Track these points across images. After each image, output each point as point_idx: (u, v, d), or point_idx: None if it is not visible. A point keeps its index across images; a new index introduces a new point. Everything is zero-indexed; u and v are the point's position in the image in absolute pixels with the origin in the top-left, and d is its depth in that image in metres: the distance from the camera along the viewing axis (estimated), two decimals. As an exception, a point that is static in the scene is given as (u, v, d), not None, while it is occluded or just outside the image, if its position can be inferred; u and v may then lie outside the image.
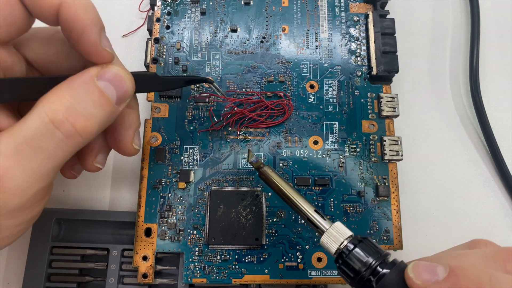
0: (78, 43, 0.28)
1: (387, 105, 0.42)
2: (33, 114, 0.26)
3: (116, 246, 0.41)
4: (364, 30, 0.46)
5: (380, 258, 0.28)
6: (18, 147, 0.25)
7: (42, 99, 0.26)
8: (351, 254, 0.28)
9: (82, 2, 0.27)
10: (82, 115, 0.27)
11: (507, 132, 0.49)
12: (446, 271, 0.24)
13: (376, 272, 0.27)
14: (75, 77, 0.28)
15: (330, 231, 0.30)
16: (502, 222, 0.46)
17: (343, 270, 0.29)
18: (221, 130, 0.42)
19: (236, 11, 0.46)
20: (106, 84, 0.28)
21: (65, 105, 0.26)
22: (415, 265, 0.25)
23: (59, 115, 0.26)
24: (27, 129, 0.25)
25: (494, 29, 0.53)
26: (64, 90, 0.27)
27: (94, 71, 0.28)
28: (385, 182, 0.41)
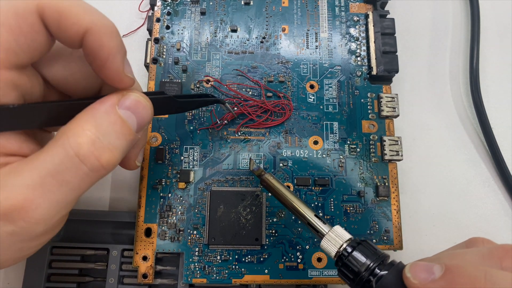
0: (101, 70, 0.28)
1: (387, 105, 0.42)
2: (58, 146, 0.26)
3: (116, 246, 0.41)
4: (364, 30, 0.46)
5: (379, 260, 0.28)
6: (43, 179, 0.25)
7: (66, 130, 0.26)
8: (350, 257, 0.29)
9: (108, 29, 0.27)
10: (106, 148, 0.27)
11: (507, 132, 0.49)
12: (442, 270, 0.25)
13: (375, 273, 0.27)
14: (97, 106, 0.28)
15: (330, 235, 0.31)
16: (502, 222, 0.46)
17: (343, 272, 0.29)
18: (221, 130, 0.42)
19: (236, 11, 0.46)
20: (127, 112, 0.28)
21: (90, 138, 0.26)
22: (412, 265, 0.26)
23: (84, 149, 0.26)
24: (52, 161, 0.25)
25: (494, 29, 0.53)
26: (88, 121, 0.27)
27: (115, 99, 0.28)
28: (385, 182, 0.41)
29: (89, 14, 0.26)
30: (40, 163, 0.25)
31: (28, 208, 0.25)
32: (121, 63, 0.28)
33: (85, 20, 0.26)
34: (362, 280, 0.28)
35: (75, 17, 0.26)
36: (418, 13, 0.53)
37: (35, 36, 0.26)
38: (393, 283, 0.26)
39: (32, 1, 0.25)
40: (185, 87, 0.43)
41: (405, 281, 0.26)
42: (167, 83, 0.42)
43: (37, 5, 0.25)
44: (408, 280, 0.25)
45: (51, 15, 0.25)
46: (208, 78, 0.43)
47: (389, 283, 0.27)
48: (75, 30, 0.26)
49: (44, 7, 0.25)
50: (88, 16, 0.26)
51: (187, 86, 0.43)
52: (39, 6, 0.25)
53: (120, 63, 0.28)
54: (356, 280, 0.28)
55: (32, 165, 0.25)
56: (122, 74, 0.28)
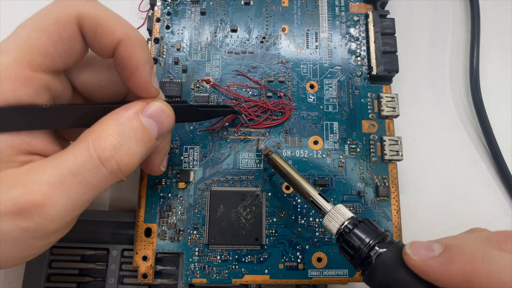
0: (130, 79, 0.29)
1: (387, 105, 0.42)
2: (81, 148, 0.27)
3: (116, 246, 0.41)
4: (364, 30, 0.46)
5: (379, 237, 0.29)
6: (63, 177, 0.26)
7: (90, 133, 0.28)
8: (351, 234, 0.30)
9: (139, 41, 0.29)
10: (126, 153, 0.28)
11: (507, 132, 0.49)
12: (442, 248, 0.25)
13: (374, 250, 0.28)
14: (122, 112, 0.29)
15: (332, 212, 0.32)
16: (502, 222, 0.46)
17: (343, 248, 0.30)
18: (221, 130, 0.42)
19: (236, 11, 0.46)
20: (149, 120, 0.30)
21: (112, 143, 0.27)
22: (412, 243, 0.27)
23: (106, 153, 0.27)
24: (75, 161, 0.26)
25: (494, 29, 0.53)
26: (111, 126, 0.28)
27: (140, 106, 0.30)
28: (385, 182, 0.41)
29: (123, 27, 0.28)
30: (63, 162, 0.26)
31: (46, 205, 0.26)
32: (149, 74, 0.30)
33: (119, 32, 0.28)
34: (362, 256, 0.29)
35: (110, 28, 0.27)
36: (418, 13, 0.53)
37: (73, 44, 0.28)
38: (392, 259, 0.27)
39: (73, 10, 0.27)
40: (185, 87, 0.43)
41: (405, 257, 0.26)
42: (167, 83, 0.42)
43: (77, 15, 0.27)
44: (408, 256, 0.26)
45: (89, 25, 0.27)
46: (209, 79, 0.43)
47: (388, 259, 0.27)
48: (110, 41, 0.28)
49: (84, 17, 0.27)
50: (122, 28, 0.28)
51: (187, 86, 0.43)
52: (79, 16, 0.27)
53: (148, 74, 0.29)
54: (356, 256, 0.29)
55: (54, 163, 0.26)
56: (149, 84, 0.30)
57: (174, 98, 0.42)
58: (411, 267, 0.26)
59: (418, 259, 0.25)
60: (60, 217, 0.27)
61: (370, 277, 0.28)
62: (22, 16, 0.27)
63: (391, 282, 0.27)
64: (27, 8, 0.50)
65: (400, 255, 0.27)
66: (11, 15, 0.49)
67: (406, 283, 0.26)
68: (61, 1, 0.27)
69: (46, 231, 0.27)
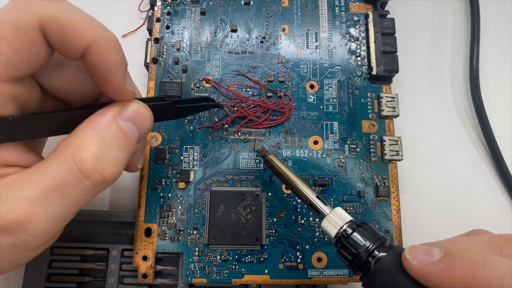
0: (102, 83, 0.28)
1: (387, 105, 0.42)
2: (60, 161, 0.26)
3: (116, 246, 0.41)
4: (364, 30, 0.46)
5: (378, 242, 0.28)
6: (45, 193, 0.25)
7: (68, 144, 0.26)
8: (349, 238, 0.29)
9: (110, 44, 0.26)
10: (110, 162, 0.27)
11: (507, 132, 0.49)
12: (441, 253, 0.25)
13: (373, 255, 0.28)
14: (99, 118, 0.28)
15: (330, 216, 0.31)
16: (502, 222, 0.46)
17: (342, 253, 0.30)
18: (221, 129, 0.42)
19: (236, 11, 0.46)
20: (128, 124, 0.29)
21: (93, 154, 0.26)
22: (412, 248, 0.26)
23: (88, 165, 0.26)
24: (55, 176, 0.25)
25: (494, 29, 0.53)
26: (90, 135, 0.27)
27: (116, 110, 0.28)
28: (385, 182, 0.41)
29: (92, 29, 0.26)
30: (43, 177, 0.25)
31: (29, 222, 0.25)
32: (123, 77, 0.28)
33: (88, 35, 0.25)
34: (361, 261, 0.28)
35: (77, 32, 0.25)
36: (418, 13, 0.53)
37: (36, 50, 0.25)
38: (391, 264, 0.27)
39: (34, 15, 0.24)
40: (185, 87, 0.43)
41: (404, 262, 0.26)
42: (167, 83, 0.42)
43: (39, 20, 0.24)
44: (407, 261, 0.26)
45: (53, 29, 0.25)
46: (208, 78, 0.43)
47: (388, 265, 0.27)
48: (78, 45, 0.26)
49: (47, 22, 0.25)
50: (91, 30, 0.26)
51: (187, 86, 0.43)
52: (41, 21, 0.24)
53: (121, 77, 0.28)
54: (355, 261, 0.29)
55: (34, 179, 0.25)
56: (123, 88, 0.28)
57: (174, 98, 0.42)
58: (411, 273, 0.26)
59: (417, 264, 0.25)
60: (46, 232, 0.26)
61: (369, 283, 0.28)
62: None
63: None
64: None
65: (400, 260, 0.26)
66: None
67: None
68: (20, 4, 0.25)
69: (33, 245, 0.26)
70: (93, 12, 0.50)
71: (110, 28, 0.49)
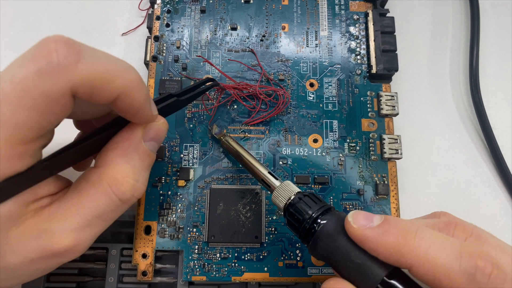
0: (132, 119, 0.29)
1: (387, 104, 0.42)
2: (101, 193, 0.28)
3: (115, 245, 0.41)
4: (364, 28, 0.46)
5: (322, 209, 0.30)
6: (90, 221, 0.28)
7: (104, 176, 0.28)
8: (295, 207, 0.31)
9: (136, 85, 0.27)
10: (142, 184, 0.30)
11: (507, 132, 0.49)
12: (381, 220, 0.27)
13: (317, 221, 0.29)
14: (125, 144, 0.29)
15: (279, 188, 0.33)
16: (502, 222, 0.46)
17: (289, 222, 0.31)
18: (221, 128, 0.42)
19: (236, 9, 0.46)
20: (151, 144, 0.31)
21: (131, 185, 0.29)
22: (354, 213, 0.28)
23: (127, 195, 0.29)
24: (97, 207, 0.28)
25: (494, 29, 0.53)
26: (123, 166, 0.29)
27: (140, 133, 0.30)
28: (385, 181, 0.41)
29: (119, 78, 0.25)
30: (85, 209, 0.28)
31: (78, 245, 0.28)
32: (150, 109, 0.29)
33: (117, 87, 0.25)
34: (305, 228, 0.29)
35: (107, 86, 0.25)
36: (418, 13, 0.53)
37: (66, 111, 0.25)
38: (333, 228, 0.28)
39: (65, 84, 0.23)
40: (184, 85, 0.43)
41: (346, 225, 0.27)
42: (166, 81, 0.42)
43: (71, 88, 0.24)
44: (349, 224, 0.27)
45: (83, 91, 0.24)
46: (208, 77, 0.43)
47: (330, 229, 0.28)
48: (108, 98, 0.26)
49: (78, 87, 0.24)
50: (119, 80, 0.25)
51: (186, 84, 0.43)
52: (72, 88, 0.24)
53: (149, 110, 0.29)
54: (301, 229, 0.30)
55: (76, 210, 0.27)
56: (151, 117, 0.30)
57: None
58: (350, 235, 0.27)
59: (357, 228, 0.26)
60: (87, 247, 0.29)
61: (313, 247, 0.29)
62: (22, 16, 0.26)
63: (332, 250, 0.27)
64: (27, 8, 0.50)
65: (342, 225, 0.28)
66: (11, 15, 0.49)
67: (347, 250, 0.27)
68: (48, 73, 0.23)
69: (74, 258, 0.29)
70: (94, 11, 0.50)
71: (110, 26, 0.50)
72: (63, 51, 0.23)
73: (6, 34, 0.48)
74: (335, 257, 0.27)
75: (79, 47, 0.24)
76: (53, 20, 0.50)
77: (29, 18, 0.50)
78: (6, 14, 0.49)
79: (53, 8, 0.50)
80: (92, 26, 0.50)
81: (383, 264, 0.26)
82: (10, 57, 0.25)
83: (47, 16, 0.50)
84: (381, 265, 0.26)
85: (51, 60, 0.23)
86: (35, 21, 0.50)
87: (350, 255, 0.27)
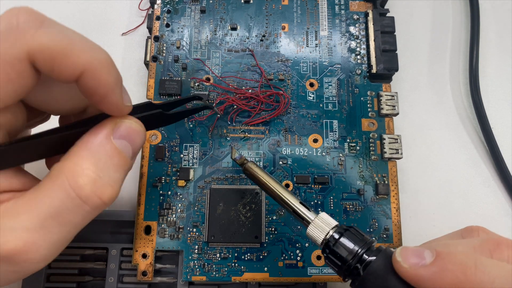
0: (100, 104, 0.26)
1: (387, 103, 0.42)
2: (57, 187, 0.25)
3: (115, 245, 0.40)
4: (364, 28, 0.46)
5: (366, 246, 0.28)
6: (43, 221, 0.24)
7: (63, 169, 0.25)
8: (337, 243, 0.28)
9: (104, 65, 0.25)
10: (108, 184, 0.26)
11: (507, 132, 0.49)
12: (433, 256, 0.25)
13: (363, 259, 0.27)
14: (91, 138, 0.26)
15: (316, 222, 0.30)
16: (502, 222, 0.46)
17: (330, 259, 0.29)
18: (221, 128, 0.42)
19: (236, 9, 0.46)
20: (122, 142, 0.27)
21: (91, 178, 0.25)
22: (402, 250, 0.26)
23: (86, 190, 0.25)
24: (52, 203, 0.24)
25: (494, 29, 0.53)
26: (85, 158, 0.26)
27: (109, 128, 0.27)
28: (385, 180, 0.41)
29: (84, 53, 0.24)
30: (39, 205, 0.25)
31: (29, 251, 0.24)
32: (120, 96, 0.26)
33: (80, 61, 0.24)
34: (350, 267, 0.28)
35: (69, 58, 0.23)
36: (417, 13, 0.53)
37: (23, 80, 0.24)
38: (382, 267, 0.26)
39: (21, 47, 0.22)
40: (184, 85, 0.43)
41: (395, 265, 0.26)
42: (166, 81, 0.42)
43: (27, 52, 0.23)
44: (398, 264, 0.25)
45: (43, 59, 0.23)
46: (208, 77, 0.43)
47: (378, 268, 0.26)
48: (71, 72, 0.24)
49: (35, 53, 0.23)
50: (83, 55, 0.24)
51: (186, 84, 0.43)
52: (29, 52, 0.23)
53: (119, 96, 0.26)
54: (344, 267, 0.28)
55: (30, 207, 0.25)
56: (121, 105, 0.27)
57: (174, 97, 0.42)
58: (402, 276, 0.25)
59: (408, 267, 0.25)
60: (45, 258, 0.26)
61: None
62: None
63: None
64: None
65: (390, 263, 0.26)
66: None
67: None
68: (5, 35, 0.23)
69: (32, 270, 0.26)
70: (94, 11, 0.50)
71: (110, 26, 0.50)
72: (24, 17, 0.23)
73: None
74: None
75: (43, 17, 0.24)
76: (53, 20, 0.50)
77: (29, 18, 0.49)
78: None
79: (53, 8, 0.50)
80: (92, 26, 0.50)
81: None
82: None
83: (47, 16, 0.50)
84: None
85: (10, 24, 0.23)
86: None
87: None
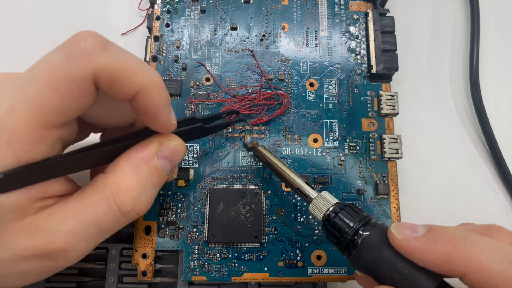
0: (149, 122, 0.29)
1: (387, 103, 0.42)
2: (101, 199, 0.28)
3: (115, 245, 0.40)
4: (363, 28, 0.46)
5: (363, 221, 0.29)
6: (85, 227, 0.27)
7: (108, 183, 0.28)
8: (336, 218, 0.31)
9: (157, 87, 0.27)
10: (145, 201, 0.30)
11: (507, 132, 0.49)
12: (425, 229, 0.27)
13: (359, 233, 0.29)
14: (138, 156, 0.29)
15: (318, 199, 0.33)
16: (502, 222, 0.46)
17: (330, 232, 0.31)
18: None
19: (236, 9, 0.46)
20: (164, 162, 0.30)
21: (132, 196, 0.28)
22: (397, 224, 0.28)
23: (127, 206, 0.28)
24: (95, 213, 0.27)
25: (494, 29, 0.53)
26: (130, 176, 0.29)
27: (155, 148, 0.30)
28: (385, 180, 0.41)
29: (140, 74, 0.26)
30: (84, 213, 0.27)
31: (70, 250, 0.27)
32: (168, 116, 0.29)
33: (137, 81, 0.26)
34: (347, 240, 0.29)
35: (127, 79, 0.26)
36: (418, 13, 0.53)
37: (86, 99, 0.26)
38: (377, 240, 0.28)
39: (88, 69, 0.25)
40: (184, 85, 0.43)
41: (390, 237, 0.27)
42: (166, 81, 0.42)
43: (93, 73, 0.25)
44: (393, 236, 0.27)
45: (104, 79, 0.26)
46: (208, 77, 0.43)
47: (373, 240, 0.28)
48: (127, 91, 0.26)
49: (99, 74, 0.25)
50: (140, 76, 0.26)
51: (186, 84, 0.43)
52: (94, 73, 0.25)
53: (167, 116, 0.29)
54: (341, 241, 0.30)
55: (76, 213, 0.27)
56: (168, 124, 0.29)
57: (174, 97, 0.42)
58: (395, 247, 0.27)
59: (402, 239, 0.26)
60: (79, 258, 0.29)
61: (356, 258, 0.28)
62: (22, 16, 0.26)
63: (377, 261, 0.27)
64: (27, 8, 0.50)
65: (385, 236, 0.28)
66: (11, 15, 0.49)
67: (392, 261, 0.27)
68: (74, 57, 0.25)
69: (65, 267, 0.28)
70: (93, 11, 0.50)
71: (109, 26, 0.50)
72: (91, 41, 0.25)
73: (6, 34, 0.48)
74: (381, 268, 0.27)
75: (106, 41, 0.26)
76: (53, 20, 0.50)
77: (29, 18, 0.50)
78: (6, 14, 0.49)
79: (53, 8, 0.50)
80: (92, 26, 0.50)
81: (431, 275, 0.26)
82: (10, 57, 0.25)
83: (47, 16, 0.50)
84: (429, 277, 0.26)
85: (78, 47, 0.25)
86: (35, 21, 0.49)
87: (396, 265, 0.26)
